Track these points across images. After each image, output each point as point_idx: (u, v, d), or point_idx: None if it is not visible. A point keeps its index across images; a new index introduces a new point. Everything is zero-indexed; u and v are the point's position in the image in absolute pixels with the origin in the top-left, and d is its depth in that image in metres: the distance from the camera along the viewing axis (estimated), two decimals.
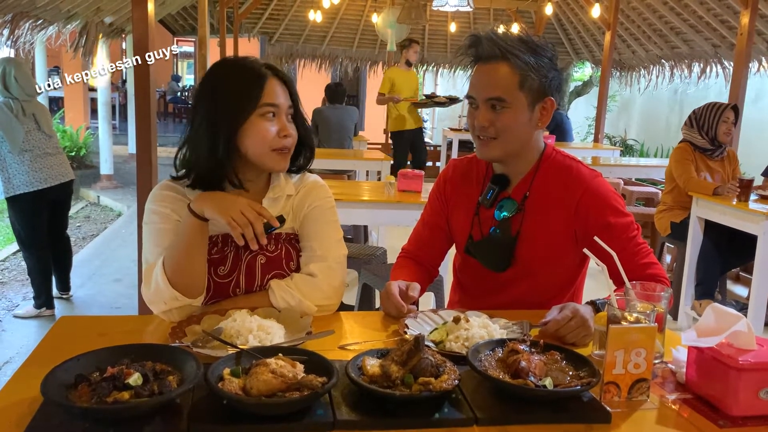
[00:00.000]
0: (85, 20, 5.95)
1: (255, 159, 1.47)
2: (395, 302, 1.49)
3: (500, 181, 1.65)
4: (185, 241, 1.39)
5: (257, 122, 1.44)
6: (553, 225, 1.60)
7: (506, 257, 1.63)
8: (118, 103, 13.61)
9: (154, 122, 2.96)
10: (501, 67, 1.52)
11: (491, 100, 1.53)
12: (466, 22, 10.03)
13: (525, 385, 1.07)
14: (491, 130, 1.55)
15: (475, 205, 1.69)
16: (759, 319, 3.54)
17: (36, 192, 3.77)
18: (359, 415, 1.02)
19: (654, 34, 8.03)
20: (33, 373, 1.06)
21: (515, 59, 1.51)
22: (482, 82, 1.55)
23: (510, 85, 1.52)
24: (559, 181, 1.61)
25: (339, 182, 4.80)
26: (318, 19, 8.63)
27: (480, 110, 1.55)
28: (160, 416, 0.98)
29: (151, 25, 2.90)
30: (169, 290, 1.38)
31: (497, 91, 1.52)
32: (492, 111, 1.54)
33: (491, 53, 1.53)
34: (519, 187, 1.64)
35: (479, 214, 1.68)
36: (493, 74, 1.53)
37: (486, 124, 1.54)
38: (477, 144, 1.61)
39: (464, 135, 9.78)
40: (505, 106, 1.53)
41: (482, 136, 1.57)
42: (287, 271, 1.54)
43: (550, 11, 7.54)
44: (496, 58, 1.53)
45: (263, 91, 1.43)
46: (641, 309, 1.18)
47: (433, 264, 1.82)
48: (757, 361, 1.06)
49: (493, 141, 1.57)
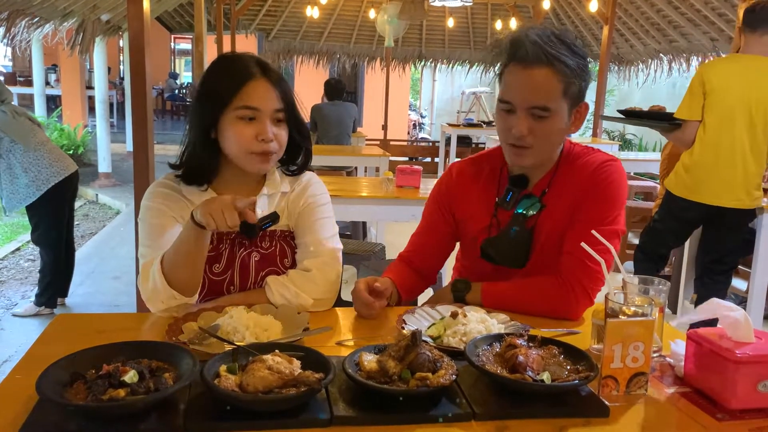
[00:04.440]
0: (81, 18, 5.93)
1: (234, 159, 1.47)
2: (363, 299, 1.44)
3: (519, 182, 1.59)
4: (185, 248, 1.38)
5: (234, 123, 1.43)
6: (567, 216, 1.53)
7: (524, 253, 1.57)
8: (116, 100, 13.59)
9: (150, 120, 2.94)
10: (545, 73, 1.42)
11: (534, 109, 1.44)
12: (463, 18, 10.02)
13: (523, 379, 1.06)
14: (529, 139, 1.47)
15: (493, 207, 1.61)
16: (758, 312, 3.54)
17: (62, 181, 3.80)
18: (356, 411, 1.01)
19: (652, 28, 8.02)
20: (29, 370, 1.05)
21: (561, 65, 1.42)
22: (525, 89, 1.44)
23: (554, 93, 1.43)
24: (575, 172, 1.56)
25: (337, 178, 4.80)
26: (315, 15, 8.60)
27: (519, 117, 1.46)
28: (156, 414, 0.98)
29: (147, 23, 2.89)
30: (167, 290, 1.38)
31: (542, 99, 1.43)
32: (531, 119, 1.45)
33: (535, 58, 1.42)
34: (539, 185, 1.59)
35: (498, 215, 1.61)
36: (537, 81, 1.43)
37: (525, 133, 1.46)
38: (509, 151, 1.52)
39: (463, 131, 9.79)
40: (548, 114, 1.45)
41: (518, 144, 1.48)
42: (282, 268, 1.54)
43: (547, 6, 7.51)
44: (541, 64, 1.42)
45: (240, 93, 1.42)
46: (639, 302, 1.17)
47: (430, 270, 1.73)
48: (756, 353, 1.06)
49: (528, 150, 1.49)
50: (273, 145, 1.46)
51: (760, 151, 3.18)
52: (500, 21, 8.93)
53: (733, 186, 3.19)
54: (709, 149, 3.20)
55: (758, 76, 3.14)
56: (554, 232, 1.54)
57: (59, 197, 3.84)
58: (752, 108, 3.13)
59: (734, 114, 3.15)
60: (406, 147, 11.26)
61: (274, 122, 1.46)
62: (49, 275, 3.96)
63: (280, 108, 1.47)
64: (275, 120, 1.47)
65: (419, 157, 10.87)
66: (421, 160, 10.72)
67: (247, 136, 1.43)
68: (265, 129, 1.44)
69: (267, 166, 1.50)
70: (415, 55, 10.79)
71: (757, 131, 3.15)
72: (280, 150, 1.50)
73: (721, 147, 3.18)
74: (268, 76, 1.46)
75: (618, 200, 1.53)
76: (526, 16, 9.25)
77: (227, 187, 1.52)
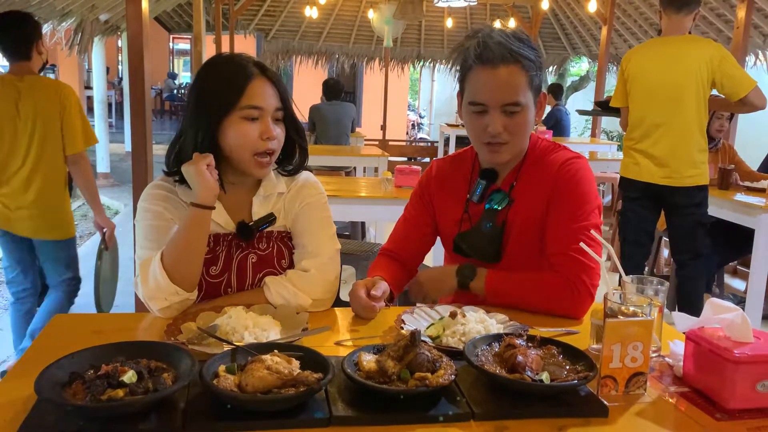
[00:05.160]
0: (80, 18, 5.92)
1: (236, 162, 1.47)
2: (363, 303, 1.44)
3: (488, 175, 1.63)
4: (185, 237, 1.39)
5: (238, 123, 1.43)
6: (538, 212, 1.56)
7: (496, 248, 1.60)
8: (114, 100, 13.58)
9: (149, 120, 2.95)
10: (512, 70, 1.47)
11: (507, 106, 1.49)
12: (462, 18, 10.03)
13: (522, 379, 1.06)
14: (504, 135, 1.51)
15: (464, 202, 1.67)
16: (756, 312, 3.54)
17: None
18: (355, 411, 1.01)
19: (651, 28, 8.02)
20: (27, 370, 1.05)
21: (525, 60, 1.47)
22: (496, 88, 1.48)
23: (522, 87, 1.48)
24: (542, 167, 1.59)
25: (336, 178, 4.80)
26: (314, 15, 8.60)
27: (492, 116, 1.50)
28: (155, 414, 0.98)
29: (146, 23, 2.89)
30: (170, 285, 1.38)
31: (513, 96, 1.48)
32: (504, 116, 1.50)
33: (501, 56, 1.46)
34: (507, 179, 1.63)
35: (468, 210, 1.66)
36: (506, 79, 1.47)
37: (501, 130, 1.50)
38: (485, 150, 1.56)
39: (462, 131, 9.78)
40: (520, 109, 1.49)
41: (494, 141, 1.52)
42: (279, 269, 1.54)
43: (546, 6, 7.53)
44: (506, 61, 1.46)
45: (245, 93, 1.42)
46: (637, 302, 1.17)
47: (413, 262, 1.77)
48: (754, 353, 1.06)
49: (505, 146, 1.53)
50: (274, 143, 1.46)
51: (689, 130, 3.27)
52: (499, 21, 8.93)
53: (662, 165, 3.32)
54: (635, 131, 3.41)
55: (672, 58, 3.25)
56: (525, 227, 1.58)
57: None
58: (671, 88, 3.24)
59: (652, 96, 3.30)
60: (405, 147, 11.26)
61: (274, 121, 1.47)
62: None
63: (280, 107, 1.48)
64: (275, 119, 1.47)
65: (418, 157, 10.87)
66: (419, 160, 10.71)
67: (252, 137, 1.43)
68: (268, 127, 1.44)
69: (267, 171, 1.50)
70: (414, 55, 10.80)
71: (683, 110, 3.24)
72: (279, 149, 1.50)
73: (643, 128, 3.35)
74: (266, 75, 1.46)
75: (588, 196, 1.55)
76: (524, 17, 9.27)
77: (224, 188, 1.52)
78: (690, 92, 3.22)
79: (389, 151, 7.00)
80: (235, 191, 1.54)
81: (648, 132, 3.35)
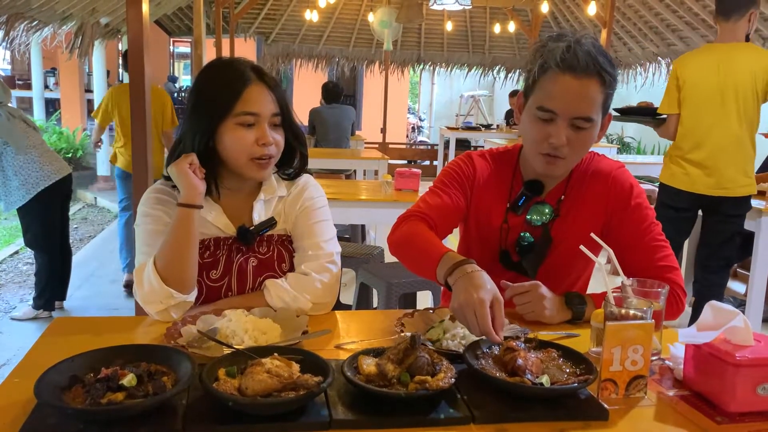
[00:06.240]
0: (80, 21, 5.94)
1: (234, 167, 1.47)
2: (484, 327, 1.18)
3: (534, 187, 1.56)
4: (174, 237, 1.39)
5: (234, 129, 1.43)
6: (591, 226, 1.51)
7: (539, 263, 1.56)
8: None
9: (149, 123, 2.95)
10: (593, 82, 1.38)
11: (577, 119, 1.41)
12: (462, 21, 10.05)
13: (522, 383, 1.06)
14: (565, 150, 1.43)
15: (504, 210, 1.59)
16: (757, 315, 3.54)
17: (54, 184, 3.80)
18: (355, 415, 1.01)
19: (650, 31, 8.04)
20: (27, 374, 1.05)
21: (607, 76, 1.39)
22: (572, 98, 1.39)
23: (597, 104, 1.41)
24: (591, 180, 1.55)
25: (336, 182, 4.80)
26: (314, 18, 8.62)
27: (558, 126, 1.41)
28: (155, 417, 0.97)
29: (146, 26, 2.89)
30: (164, 289, 1.38)
31: (587, 110, 1.40)
32: (571, 129, 1.41)
33: (585, 66, 1.37)
34: (554, 192, 1.57)
35: (508, 221, 1.59)
36: (584, 90, 1.38)
37: (564, 143, 1.42)
38: (540, 160, 1.47)
39: (461, 134, 9.80)
40: (589, 126, 1.41)
41: (553, 153, 1.44)
42: (279, 272, 1.53)
43: (546, 9, 7.53)
44: (589, 73, 1.38)
45: (241, 98, 1.42)
46: (638, 305, 1.17)
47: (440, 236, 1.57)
48: (755, 356, 1.06)
49: (562, 161, 1.45)
50: (272, 149, 1.46)
51: (743, 140, 3.21)
52: (498, 24, 8.95)
53: (714, 175, 3.24)
54: (686, 140, 3.30)
55: (729, 64, 3.18)
56: (575, 241, 1.47)
57: (50, 200, 3.83)
58: (727, 97, 3.17)
59: (708, 104, 3.22)
60: (405, 150, 11.27)
61: (272, 126, 1.47)
62: (45, 278, 3.95)
63: (277, 112, 1.47)
64: (272, 124, 1.47)
65: (418, 161, 10.89)
66: (419, 163, 10.73)
67: (247, 142, 1.43)
68: (264, 133, 1.44)
69: (265, 173, 1.50)
70: (414, 58, 10.81)
71: (737, 119, 3.18)
72: (278, 154, 1.50)
73: (697, 138, 3.26)
74: (263, 80, 1.46)
75: (645, 201, 1.56)
76: (524, 20, 9.28)
77: (224, 193, 1.52)
78: (747, 101, 3.16)
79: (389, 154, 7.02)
80: (236, 195, 1.54)
81: (701, 141, 3.23)
